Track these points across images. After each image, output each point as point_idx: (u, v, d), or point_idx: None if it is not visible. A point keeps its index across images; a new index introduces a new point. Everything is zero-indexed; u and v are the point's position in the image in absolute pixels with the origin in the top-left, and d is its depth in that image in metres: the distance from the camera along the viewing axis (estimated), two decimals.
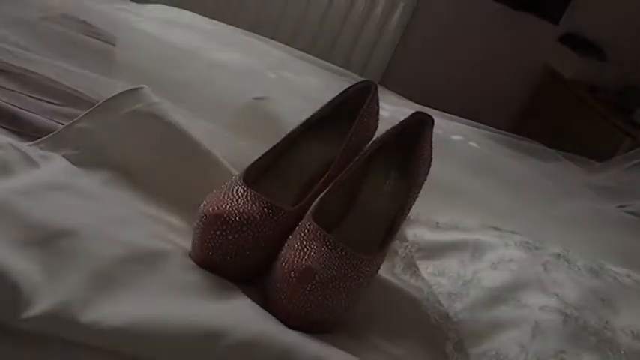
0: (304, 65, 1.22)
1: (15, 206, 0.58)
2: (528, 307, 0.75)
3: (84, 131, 0.77)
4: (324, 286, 0.64)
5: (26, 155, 0.68)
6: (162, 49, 1.02)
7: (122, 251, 0.60)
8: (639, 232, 1.24)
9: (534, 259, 0.84)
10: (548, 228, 1.02)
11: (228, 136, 0.89)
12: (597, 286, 0.85)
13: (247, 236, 0.66)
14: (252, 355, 0.55)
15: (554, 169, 1.42)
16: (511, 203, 1.07)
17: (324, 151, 0.80)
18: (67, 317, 0.51)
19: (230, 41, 1.16)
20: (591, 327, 0.75)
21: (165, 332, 0.53)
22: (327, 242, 0.67)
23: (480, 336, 0.71)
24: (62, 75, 0.88)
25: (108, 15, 1.05)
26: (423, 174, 0.78)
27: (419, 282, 0.80)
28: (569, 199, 1.22)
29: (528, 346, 0.69)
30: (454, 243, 0.86)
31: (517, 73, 2.28)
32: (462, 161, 1.23)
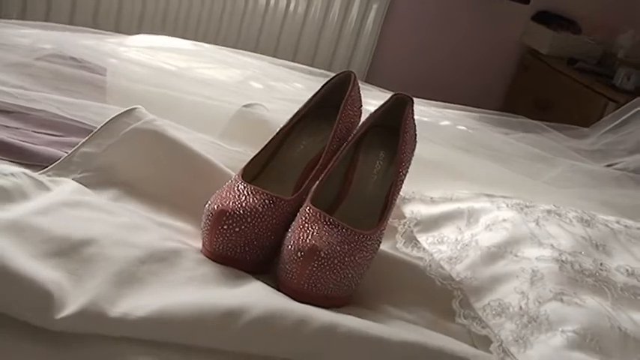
0: (288, 72, 1.27)
1: (36, 224, 0.63)
2: (525, 259, 0.80)
3: (88, 155, 0.82)
4: (330, 261, 0.68)
5: (38, 181, 0.73)
6: (150, 73, 1.07)
7: (140, 253, 0.64)
8: (627, 186, 1.29)
9: (527, 217, 0.89)
10: (538, 190, 1.07)
11: (223, 144, 0.94)
12: (590, 233, 0.89)
13: (252, 227, 0.71)
14: (270, 328, 0.60)
15: (541, 139, 1.46)
16: (501, 173, 1.12)
17: (314, 142, 0.85)
18: (97, 314, 0.56)
19: (213, 58, 1.21)
20: (587, 270, 0.80)
21: (189, 316, 0.58)
22: (328, 222, 0.72)
23: (483, 290, 0.76)
24: (60, 108, 0.93)
25: (95, 48, 1.10)
26: (410, 150, 0.83)
27: (420, 252, 0.85)
28: (558, 163, 1.26)
29: (528, 292, 0.74)
30: (449, 213, 0.91)
31: (497, 55, 2.33)
32: (451, 142, 1.28)
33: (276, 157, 0.84)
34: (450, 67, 2.25)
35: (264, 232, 0.72)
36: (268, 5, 2.02)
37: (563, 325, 0.69)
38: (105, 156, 0.82)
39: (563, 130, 1.56)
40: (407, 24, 2.17)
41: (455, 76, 2.24)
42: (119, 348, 0.56)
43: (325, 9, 2.04)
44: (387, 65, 2.08)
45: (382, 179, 0.84)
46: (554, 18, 2.31)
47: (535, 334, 0.68)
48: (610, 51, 2.28)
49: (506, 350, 0.67)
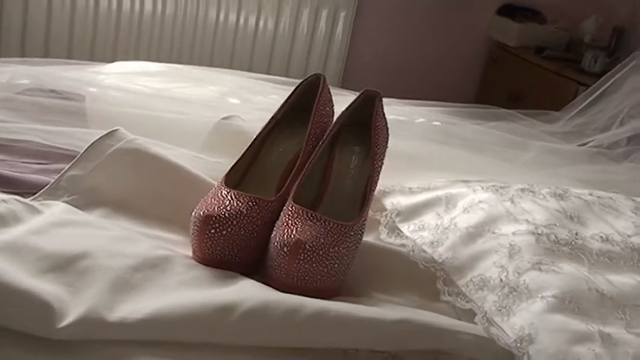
0: (263, 84, 1.30)
1: (31, 244, 0.66)
2: (502, 235, 0.83)
3: (75, 178, 0.85)
4: (315, 253, 0.72)
5: (30, 205, 0.75)
6: (128, 97, 1.11)
7: (132, 262, 0.67)
8: (601, 162, 1.33)
9: (502, 197, 0.92)
10: (513, 173, 1.11)
11: (204, 157, 0.97)
12: (563, 206, 0.93)
13: (239, 229, 0.74)
14: (263, 319, 0.63)
15: (514, 126, 1.51)
16: (476, 161, 1.16)
17: (291, 144, 0.88)
18: (96, 320, 0.59)
19: (189, 77, 1.24)
20: (563, 240, 0.83)
21: (184, 314, 0.61)
22: (311, 217, 0.75)
23: (464, 268, 0.79)
24: (44, 137, 0.96)
25: (75, 78, 1.13)
26: (383, 142, 0.87)
27: (403, 240, 0.88)
28: (531, 146, 1.30)
29: (507, 265, 0.77)
30: (428, 201, 0.94)
31: (467, 51, 2.38)
32: (427, 136, 1.32)
33: (255, 162, 0.87)
34: (422, 66, 2.30)
35: (250, 233, 0.75)
36: (238, 24, 2.07)
37: (542, 292, 0.72)
38: (91, 178, 0.85)
39: (535, 116, 1.61)
40: (375, 28, 2.22)
41: (427, 74, 2.29)
42: (120, 350, 0.58)
43: (294, 22, 2.09)
44: (361, 69, 2.12)
45: (359, 173, 0.87)
46: (518, 10, 2.36)
47: (517, 303, 0.72)
48: (576, 37, 2.33)
49: (490, 320, 0.70)
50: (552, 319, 0.68)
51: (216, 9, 2.03)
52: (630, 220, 0.93)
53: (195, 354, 0.60)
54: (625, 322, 0.70)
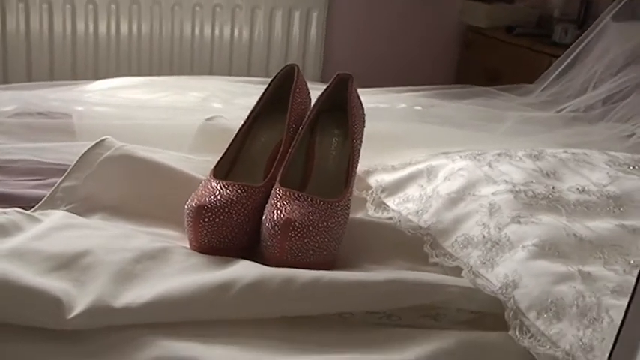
0: (243, 86, 1.34)
1: (35, 247, 0.70)
2: (482, 196, 0.87)
3: (70, 188, 0.88)
4: (305, 230, 0.75)
5: (29, 215, 0.79)
6: (113, 110, 1.15)
7: (132, 254, 0.71)
8: (576, 125, 1.37)
9: (480, 163, 0.96)
10: (491, 141, 1.15)
11: (192, 157, 1.01)
12: (539, 165, 0.97)
13: (231, 216, 0.78)
14: (260, 291, 0.66)
15: (491, 101, 1.55)
16: (455, 135, 1.20)
17: (273, 134, 0.92)
18: (103, 308, 0.62)
19: (171, 86, 1.28)
20: (540, 194, 0.87)
21: (185, 294, 0.65)
22: (298, 197, 0.79)
23: (449, 231, 0.83)
24: (36, 155, 0.99)
25: (61, 98, 1.17)
26: (359, 122, 0.90)
27: (390, 213, 0.92)
28: (508, 117, 1.34)
29: (489, 222, 0.81)
30: (411, 175, 0.98)
31: (441, 37, 2.43)
32: (408, 119, 1.36)
33: (241, 154, 0.91)
34: (398, 57, 2.34)
35: (242, 219, 0.79)
36: (214, 36, 2.11)
37: (523, 242, 0.76)
38: (85, 187, 0.88)
39: (511, 90, 1.65)
40: (349, 24, 2.26)
41: (404, 65, 2.33)
42: (129, 333, 0.62)
43: (268, 28, 2.13)
44: (339, 66, 2.15)
45: (340, 154, 0.91)
46: None
47: (499, 255, 0.75)
48: (546, 13, 2.38)
49: (475, 272, 0.74)
50: (534, 265, 0.72)
51: (191, 23, 2.07)
52: (604, 171, 0.97)
53: (201, 330, 0.64)
54: (603, 260, 0.74)
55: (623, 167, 1.00)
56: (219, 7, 2.07)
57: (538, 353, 0.63)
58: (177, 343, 0.61)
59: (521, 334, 0.65)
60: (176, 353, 0.59)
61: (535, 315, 0.66)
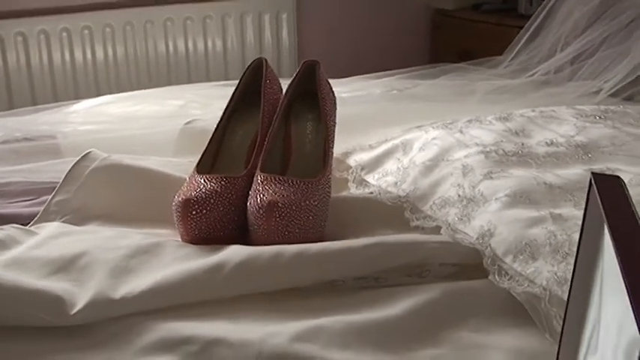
0: (219, 89, 1.38)
1: (33, 255, 0.73)
2: (456, 160, 0.91)
3: (62, 202, 0.91)
4: (289, 209, 0.79)
5: (26, 230, 0.83)
6: (96, 126, 1.18)
7: (127, 251, 0.75)
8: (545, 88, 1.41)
9: (452, 131, 1.00)
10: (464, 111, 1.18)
11: (176, 160, 1.04)
12: (509, 126, 1.01)
13: (217, 206, 0.81)
14: (250, 268, 0.70)
15: (464, 76, 1.59)
16: (427, 110, 1.23)
17: (249, 126, 0.96)
18: (103, 301, 0.66)
19: (149, 97, 1.32)
20: (510, 151, 0.91)
21: (180, 279, 0.68)
22: (279, 180, 0.82)
23: (426, 195, 0.86)
24: (26, 177, 1.03)
25: (44, 122, 1.21)
26: (330, 104, 0.94)
27: (371, 188, 0.95)
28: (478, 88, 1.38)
29: (463, 182, 0.85)
30: (387, 150, 1.02)
31: (412, 23, 2.47)
32: (384, 101, 1.40)
33: (221, 149, 0.94)
34: (371, 45, 2.38)
35: (228, 208, 0.82)
36: (188, 50, 2.14)
37: (496, 195, 0.80)
38: (76, 199, 0.92)
39: (481, 64, 1.69)
40: (319, 21, 2.31)
41: (378, 52, 2.37)
42: (130, 320, 0.65)
43: (240, 35, 2.17)
44: None
45: (316, 136, 0.95)
46: None
47: (475, 210, 0.79)
48: None
49: (454, 228, 0.78)
50: (507, 214, 0.76)
51: (164, 41, 2.10)
52: (572, 123, 1.01)
53: (197, 311, 0.67)
54: (573, 202, 0.78)
55: (590, 118, 1.04)
56: (190, 19, 2.10)
57: (517, 293, 0.67)
58: (176, 324, 0.64)
59: (500, 278, 0.69)
60: (176, 333, 0.63)
61: (512, 258, 0.69)
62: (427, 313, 0.67)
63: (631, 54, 1.39)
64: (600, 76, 1.44)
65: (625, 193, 0.44)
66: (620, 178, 0.46)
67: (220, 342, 0.61)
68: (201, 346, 0.61)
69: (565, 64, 1.54)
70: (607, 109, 1.07)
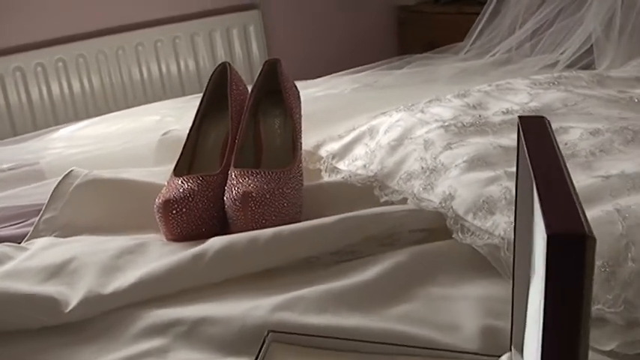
0: (189, 101, 1.43)
1: (26, 266, 0.77)
2: (418, 137, 0.95)
3: (50, 219, 0.96)
4: (263, 198, 0.84)
5: (18, 246, 0.87)
6: (78, 148, 1.23)
7: (113, 252, 0.79)
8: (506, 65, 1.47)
9: (413, 112, 1.05)
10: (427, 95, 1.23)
11: (156, 169, 1.09)
12: (466, 101, 1.06)
13: (196, 204, 0.86)
14: (229, 253, 0.74)
15: (429, 64, 1.64)
16: (392, 97, 1.28)
17: (220, 128, 1.00)
18: (94, 297, 0.70)
19: (125, 116, 1.37)
20: (468, 123, 0.96)
21: (165, 270, 0.73)
22: (252, 173, 0.87)
23: (393, 172, 0.91)
24: (13, 202, 1.07)
25: (27, 150, 1.25)
26: (294, 98, 0.99)
27: (342, 174, 1.00)
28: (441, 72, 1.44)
29: (425, 155, 0.90)
30: (355, 138, 1.06)
31: (378, 23, 2.53)
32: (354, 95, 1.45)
33: (196, 152, 0.99)
34: (340, 48, 2.42)
35: (206, 204, 0.87)
36: (162, 73, 2.18)
37: (455, 162, 0.85)
38: (63, 215, 0.96)
39: (444, 51, 1.75)
40: (286, 28, 2.36)
41: (347, 54, 2.41)
42: (122, 313, 0.70)
43: (211, 53, 2.21)
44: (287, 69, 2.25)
45: (284, 130, 0.99)
46: None
47: (437, 178, 0.84)
48: None
49: (419, 198, 0.82)
50: (466, 177, 0.80)
51: (137, 66, 2.15)
52: (526, 92, 1.06)
53: (183, 297, 0.71)
54: None
55: (544, 85, 1.09)
56: (160, 41, 2.15)
57: (479, 246, 0.71)
58: (164, 310, 0.69)
59: (463, 235, 0.74)
60: (165, 318, 0.67)
61: (472, 216, 0.74)
62: (398, 275, 0.71)
63: (584, 23, 1.45)
64: (558, 48, 1.49)
65: (548, 130, 0.49)
66: (545, 118, 0.51)
67: (206, 320, 0.66)
68: (189, 326, 0.65)
69: (525, 40, 1.60)
70: (560, 76, 1.12)
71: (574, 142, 0.84)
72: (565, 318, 0.35)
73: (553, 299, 0.35)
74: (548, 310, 0.35)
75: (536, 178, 0.40)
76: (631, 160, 0.76)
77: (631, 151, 0.79)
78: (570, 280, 0.34)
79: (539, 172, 0.40)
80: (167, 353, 0.63)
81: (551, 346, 0.36)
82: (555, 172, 0.40)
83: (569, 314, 0.35)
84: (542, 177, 0.40)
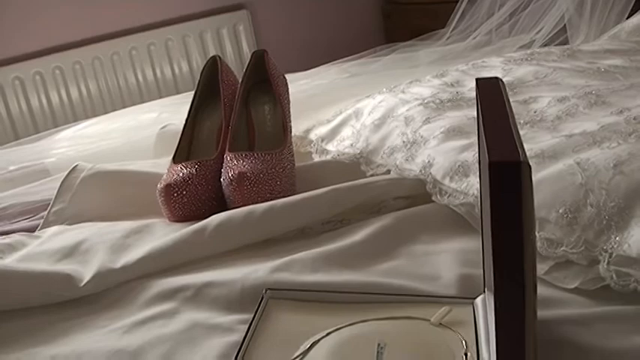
0: (185, 97, 1.49)
1: (40, 250, 0.84)
2: (399, 115, 1.02)
3: (59, 211, 1.02)
4: (257, 178, 0.90)
5: (31, 235, 0.93)
6: (80, 147, 1.29)
7: (122, 233, 0.85)
8: (487, 46, 1.53)
9: (395, 92, 1.11)
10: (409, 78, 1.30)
11: (157, 161, 1.15)
12: (445, 80, 1.12)
13: (196, 187, 0.92)
14: (228, 226, 0.81)
15: (413, 50, 1.71)
16: (376, 81, 1.35)
17: (214, 117, 1.07)
18: (106, 271, 0.76)
19: (123, 115, 1.43)
20: (446, 99, 1.02)
21: (170, 243, 0.79)
22: (245, 156, 0.94)
23: (377, 148, 0.97)
24: (22, 199, 1.13)
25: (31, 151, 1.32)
26: (282, 86, 1.05)
27: (331, 154, 1.06)
28: (421, 56, 1.50)
29: (406, 130, 0.96)
30: (342, 120, 1.13)
31: (364, 17, 2.59)
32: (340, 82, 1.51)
33: (193, 141, 1.05)
34: (329, 42, 2.48)
35: (205, 187, 0.93)
36: (157, 77, 2.25)
37: (433, 134, 0.91)
38: (71, 206, 1.02)
39: (428, 38, 1.81)
40: (275, 26, 2.42)
41: (337, 48, 2.47)
42: (132, 284, 0.76)
43: (203, 55, 2.27)
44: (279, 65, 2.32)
45: (274, 116, 1.06)
46: None
47: (417, 150, 0.90)
48: None
49: (401, 168, 0.89)
50: (443, 146, 0.87)
51: (132, 71, 2.21)
52: (500, 68, 1.13)
53: (188, 267, 0.78)
54: None
55: (517, 61, 1.15)
56: (153, 45, 2.21)
57: (456, 205, 0.78)
58: (170, 279, 0.75)
59: (441, 197, 0.80)
60: (172, 285, 0.73)
61: (449, 180, 0.81)
62: (383, 236, 0.78)
63: (557, 3, 1.51)
64: (535, 27, 1.56)
65: (500, 87, 0.56)
66: (499, 79, 0.58)
67: (210, 284, 0.72)
68: (194, 290, 0.72)
69: (503, 22, 1.66)
70: (533, 52, 1.19)
71: (543, 110, 0.91)
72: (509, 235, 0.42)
73: (497, 219, 0.41)
74: (494, 231, 0.42)
75: (484, 122, 0.46)
76: (593, 119, 0.82)
77: (594, 113, 0.86)
78: (510, 201, 0.41)
79: (487, 118, 0.47)
80: (175, 315, 0.69)
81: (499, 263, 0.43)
82: (501, 118, 0.47)
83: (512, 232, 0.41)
84: (489, 121, 0.46)
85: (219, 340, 0.64)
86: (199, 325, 0.66)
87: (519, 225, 0.41)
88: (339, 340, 0.59)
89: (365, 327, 0.61)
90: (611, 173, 0.67)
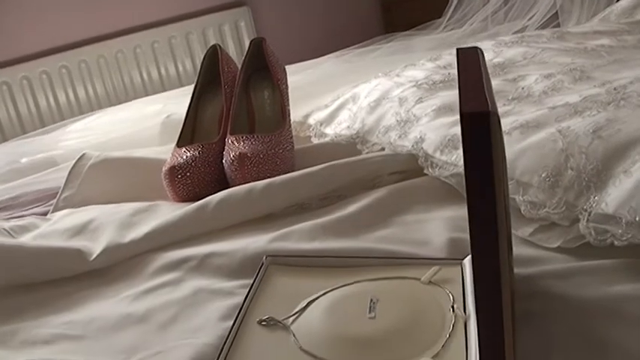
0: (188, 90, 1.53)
1: (52, 229, 0.88)
2: (394, 97, 1.05)
3: (68, 197, 1.06)
4: (257, 158, 0.94)
5: (43, 217, 0.97)
6: (85, 138, 1.33)
7: (129, 212, 0.89)
8: (481, 33, 1.56)
9: (390, 76, 1.15)
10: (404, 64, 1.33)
11: (162, 148, 1.19)
12: (438, 63, 1.16)
13: (199, 169, 0.96)
14: (229, 202, 0.84)
15: (411, 39, 1.74)
16: (374, 67, 1.38)
17: (215, 103, 1.11)
18: (115, 246, 0.80)
19: (129, 108, 1.48)
20: (438, 80, 1.06)
21: (174, 219, 0.83)
22: (246, 137, 0.97)
23: (373, 128, 1.01)
24: (33, 187, 1.17)
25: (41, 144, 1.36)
26: (280, 71, 1.09)
27: (329, 137, 1.10)
28: (415, 44, 1.54)
29: (399, 110, 1.00)
30: (340, 105, 1.17)
31: (364, 10, 2.63)
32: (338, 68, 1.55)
33: (195, 126, 1.09)
34: (329, 35, 2.51)
35: (207, 169, 0.97)
36: (161, 75, 2.29)
37: (425, 112, 0.95)
38: (80, 192, 1.06)
39: (424, 28, 1.85)
40: (275, 21, 2.46)
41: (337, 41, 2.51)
42: (139, 258, 0.80)
43: (206, 50, 2.31)
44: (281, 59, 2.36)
45: (273, 100, 1.10)
46: None
47: (410, 127, 0.94)
48: None
49: (394, 145, 0.92)
50: (434, 123, 0.91)
51: (137, 71, 2.26)
52: (492, 50, 1.16)
53: (192, 241, 0.82)
54: None
55: (508, 44, 1.19)
56: (157, 42, 2.26)
57: (446, 176, 0.82)
58: (176, 251, 0.79)
59: (432, 170, 0.84)
60: (177, 256, 0.77)
61: (439, 153, 0.84)
62: (377, 207, 0.81)
63: None
64: (528, 14, 1.59)
65: (478, 55, 0.59)
66: (478, 48, 0.61)
67: (213, 254, 0.76)
68: (199, 261, 0.76)
69: (498, 9, 1.69)
70: (523, 35, 1.22)
71: (530, 86, 0.94)
72: (483, 180, 0.45)
73: (470, 167, 0.45)
74: (467, 175, 0.45)
75: (460, 82, 0.50)
76: (576, 92, 0.86)
77: (578, 87, 0.89)
78: (482, 148, 0.44)
79: (463, 79, 0.51)
80: (181, 282, 0.73)
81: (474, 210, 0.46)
82: (475, 77, 0.51)
83: (484, 176, 0.45)
84: (464, 81, 0.50)
85: (222, 303, 0.68)
86: (203, 291, 0.70)
87: (489, 166, 0.45)
88: (334, 298, 0.63)
89: (359, 286, 0.65)
90: (590, 138, 0.70)
